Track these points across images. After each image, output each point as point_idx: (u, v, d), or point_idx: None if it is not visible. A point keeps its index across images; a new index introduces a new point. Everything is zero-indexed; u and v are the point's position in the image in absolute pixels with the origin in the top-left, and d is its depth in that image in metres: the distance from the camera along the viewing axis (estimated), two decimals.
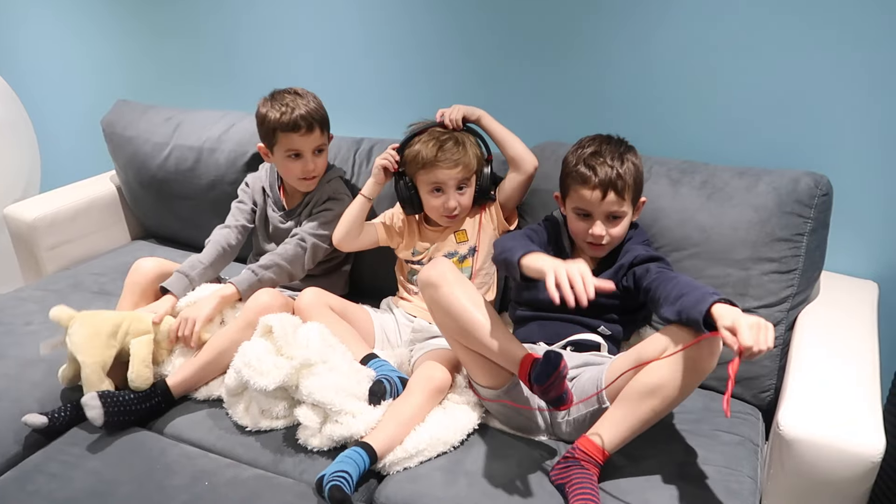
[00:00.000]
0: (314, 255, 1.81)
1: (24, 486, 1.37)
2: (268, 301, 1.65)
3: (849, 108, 1.65)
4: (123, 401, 1.50)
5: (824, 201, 1.55)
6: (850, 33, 1.59)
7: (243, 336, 1.60)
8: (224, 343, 1.62)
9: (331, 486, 1.28)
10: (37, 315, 1.86)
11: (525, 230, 1.62)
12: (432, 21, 2.01)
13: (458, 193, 1.70)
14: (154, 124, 2.24)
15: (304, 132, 1.74)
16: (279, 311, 1.64)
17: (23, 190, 2.55)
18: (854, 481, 1.20)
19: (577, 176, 1.49)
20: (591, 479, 1.28)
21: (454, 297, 1.38)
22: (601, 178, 1.45)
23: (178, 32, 2.42)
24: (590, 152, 1.49)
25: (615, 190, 1.46)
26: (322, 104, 1.80)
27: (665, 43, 1.77)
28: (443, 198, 1.70)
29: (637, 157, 1.52)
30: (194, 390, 1.62)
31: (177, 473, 1.40)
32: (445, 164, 1.66)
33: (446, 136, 1.69)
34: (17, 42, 2.75)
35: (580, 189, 1.48)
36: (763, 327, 1.13)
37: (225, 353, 1.60)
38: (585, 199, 1.48)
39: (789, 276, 1.55)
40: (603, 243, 1.51)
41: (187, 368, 1.61)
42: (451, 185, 1.68)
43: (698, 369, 1.25)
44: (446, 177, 1.67)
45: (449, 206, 1.70)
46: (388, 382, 1.49)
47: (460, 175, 1.68)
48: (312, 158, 1.78)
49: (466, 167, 1.68)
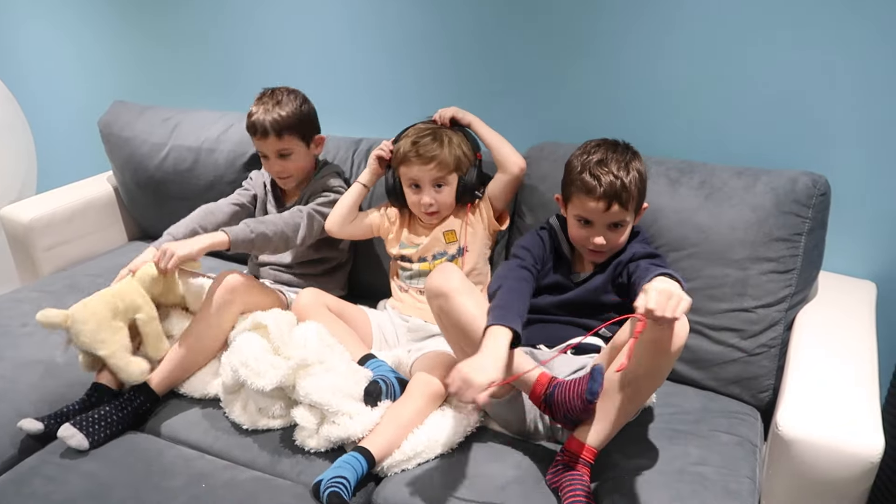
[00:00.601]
0: (310, 225, 1.78)
1: (21, 489, 1.36)
2: (228, 280, 1.63)
3: (847, 108, 1.65)
4: (100, 416, 1.49)
5: (822, 201, 1.55)
6: (849, 33, 1.59)
7: (217, 320, 1.60)
8: (199, 331, 1.61)
9: (329, 492, 1.27)
10: (33, 316, 1.84)
11: (517, 255, 1.56)
12: (431, 22, 2.01)
13: (434, 191, 1.70)
14: (152, 125, 2.24)
15: (260, 137, 1.77)
16: (243, 288, 1.63)
17: (19, 191, 2.55)
18: (853, 481, 1.20)
19: (580, 185, 1.47)
20: (582, 479, 1.28)
21: (464, 308, 1.37)
22: (605, 190, 1.43)
23: (174, 34, 2.41)
24: (595, 161, 1.46)
25: (619, 202, 1.44)
26: (300, 110, 1.79)
27: (664, 43, 1.77)
28: (420, 194, 1.70)
29: (642, 164, 1.50)
30: (179, 384, 1.61)
31: (174, 475, 1.39)
32: (418, 160, 1.67)
33: (427, 133, 1.69)
34: (13, 43, 2.74)
35: (583, 199, 1.47)
36: (673, 296, 1.13)
37: (201, 341, 1.60)
38: (588, 209, 1.47)
39: (787, 275, 1.55)
40: (603, 251, 1.51)
41: (167, 364, 1.60)
42: (426, 181, 1.69)
43: (662, 350, 1.23)
44: (420, 173, 1.68)
45: (424, 202, 1.70)
46: (385, 383, 1.48)
47: (434, 172, 1.68)
48: (276, 161, 1.80)
49: (441, 164, 1.67)
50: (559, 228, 1.61)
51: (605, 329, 1.54)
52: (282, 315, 1.60)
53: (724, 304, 1.57)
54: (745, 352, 1.56)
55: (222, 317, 1.62)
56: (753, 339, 1.55)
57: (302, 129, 1.80)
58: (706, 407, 1.54)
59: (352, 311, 1.77)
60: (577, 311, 1.55)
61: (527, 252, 1.56)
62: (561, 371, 1.47)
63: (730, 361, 1.57)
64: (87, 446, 1.45)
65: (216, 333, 1.63)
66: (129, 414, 1.53)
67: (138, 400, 1.55)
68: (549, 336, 1.55)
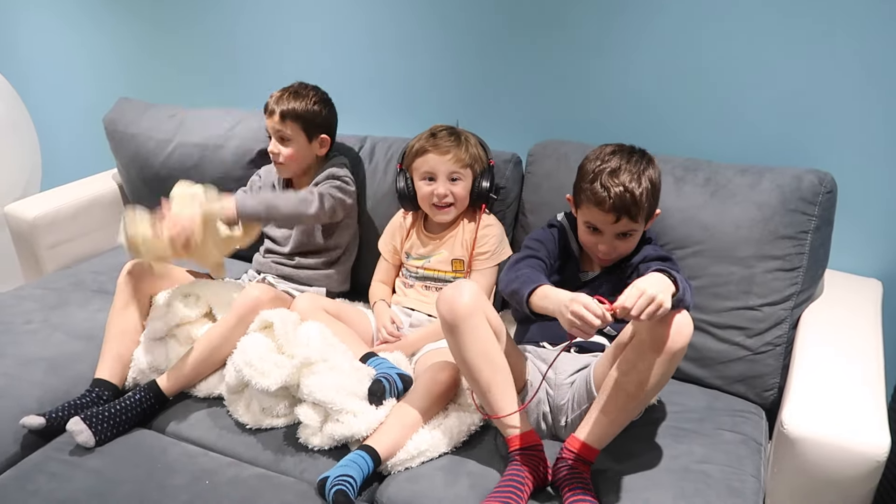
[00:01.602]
0: (322, 202, 1.76)
1: (24, 486, 1.36)
2: (257, 296, 1.64)
3: (853, 105, 1.64)
4: (110, 414, 1.49)
5: (828, 199, 1.54)
6: (855, 29, 1.58)
7: (235, 332, 1.60)
8: (216, 340, 1.61)
9: (335, 490, 1.27)
10: (36, 314, 1.86)
11: (530, 246, 1.56)
12: (437, 19, 2.00)
13: (450, 183, 1.70)
14: (157, 121, 2.24)
15: (268, 115, 1.85)
16: (270, 305, 1.64)
17: (23, 188, 2.55)
18: (859, 480, 1.20)
19: (591, 195, 1.44)
20: (582, 477, 1.28)
21: (468, 348, 1.35)
22: (615, 203, 1.41)
23: (180, 30, 2.41)
24: (608, 171, 1.43)
25: (629, 215, 1.42)
26: (311, 106, 1.83)
27: (669, 41, 1.76)
28: (434, 185, 1.70)
29: (656, 171, 1.48)
30: (189, 388, 1.62)
31: (177, 472, 1.39)
32: (436, 150, 1.68)
33: (443, 129, 1.71)
34: (17, 40, 2.74)
35: (593, 209, 1.45)
36: (648, 298, 1.15)
37: (217, 350, 1.60)
38: (597, 219, 1.45)
39: (793, 273, 1.54)
40: (611, 257, 1.51)
41: (180, 368, 1.60)
42: (441, 171, 1.69)
43: (664, 349, 1.23)
44: (436, 163, 1.68)
45: (439, 193, 1.70)
46: (387, 381, 1.48)
47: (451, 164, 1.68)
48: (274, 142, 1.86)
49: (458, 158, 1.68)
50: (568, 227, 1.60)
51: (609, 328, 1.54)
52: (287, 314, 1.60)
53: (729, 303, 1.56)
54: (751, 350, 1.55)
55: (242, 328, 1.61)
56: (759, 338, 1.55)
57: (306, 122, 1.83)
58: (710, 405, 1.53)
59: (350, 312, 1.77)
60: None
61: (540, 244, 1.56)
62: (564, 370, 1.47)
63: (735, 360, 1.56)
64: (94, 444, 1.45)
65: (233, 344, 1.60)
66: (138, 414, 1.53)
67: (149, 402, 1.55)
68: (551, 334, 1.54)
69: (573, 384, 1.45)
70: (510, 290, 1.41)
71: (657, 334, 1.23)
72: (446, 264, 1.76)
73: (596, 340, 1.52)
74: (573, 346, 1.51)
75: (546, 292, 1.32)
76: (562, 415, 1.44)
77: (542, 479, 1.32)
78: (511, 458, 1.33)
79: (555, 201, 1.69)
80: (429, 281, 1.78)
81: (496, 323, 1.39)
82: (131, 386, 1.65)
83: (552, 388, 1.46)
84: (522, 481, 1.28)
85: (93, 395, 1.57)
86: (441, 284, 1.76)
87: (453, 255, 1.75)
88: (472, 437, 1.46)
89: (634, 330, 1.29)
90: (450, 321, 1.34)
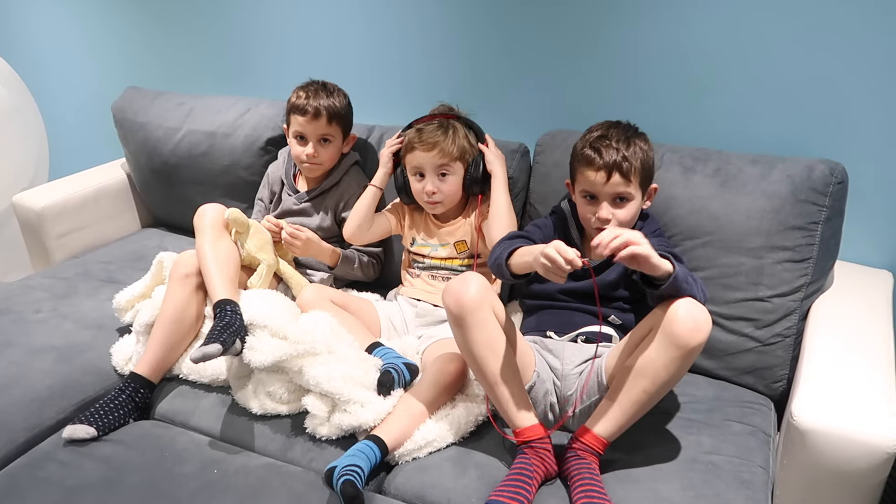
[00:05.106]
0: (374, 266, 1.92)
1: (35, 474, 1.37)
2: (187, 261, 1.67)
3: (865, 95, 1.63)
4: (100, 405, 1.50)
5: (839, 189, 1.53)
6: (866, 18, 1.57)
7: (187, 294, 1.63)
8: (169, 311, 1.62)
9: (343, 480, 1.27)
10: (45, 303, 1.87)
11: (528, 227, 1.60)
12: (443, 7, 1.99)
13: (438, 179, 1.69)
14: (166, 109, 2.24)
15: (311, 118, 1.79)
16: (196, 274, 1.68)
17: (31, 178, 2.56)
18: (868, 472, 1.19)
19: (582, 158, 1.48)
20: (591, 468, 1.28)
21: (475, 341, 1.34)
22: (605, 161, 1.44)
23: (187, 19, 2.40)
24: (596, 136, 1.48)
25: (620, 171, 1.44)
26: (349, 105, 1.87)
27: (678, 30, 1.75)
28: (423, 181, 1.70)
29: (646, 143, 1.49)
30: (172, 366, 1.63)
31: (186, 461, 1.40)
32: (422, 146, 1.68)
33: (434, 122, 1.70)
34: (24, 29, 2.74)
35: (585, 171, 1.47)
36: (618, 235, 1.19)
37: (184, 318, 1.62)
38: (590, 180, 1.46)
39: (803, 264, 1.53)
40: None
41: (150, 348, 1.60)
42: (429, 168, 1.68)
43: (679, 344, 1.23)
44: (423, 160, 1.68)
45: (427, 190, 1.70)
46: (396, 371, 1.48)
47: (437, 159, 1.67)
48: (315, 145, 1.83)
49: (444, 152, 1.67)
50: (569, 213, 1.60)
51: (615, 316, 1.53)
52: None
53: (738, 294, 1.55)
54: (760, 341, 1.55)
55: (188, 287, 1.64)
56: (768, 329, 1.54)
57: (346, 122, 1.86)
58: (719, 396, 1.53)
59: (356, 303, 1.77)
60: (586, 299, 1.54)
61: (535, 228, 1.58)
62: (571, 360, 1.46)
63: (744, 351, 1.56)
64: (95, 432, 1.46)
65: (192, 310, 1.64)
66: (125, 402, 1.53)
67: (130, 388, 1.55)
68: (561, 323, 1.54)
69: (581, 374, 1.44)
70: (495, 264, 1.45)
71: (671, 329, 1.23)
72: (451, 249, 1.76)
73: (605, 332, 1.51)
74: (581, 335, 1.51)
75: (524, 250, 1.37)
76: (569, 405, 1.44)
77: (551, 471, 1.32)
78: (519, 451, 1.33)
79: (562, 191, 1.68)
80: (435, 270, 1.78)
81: (503, 315, 1.39)
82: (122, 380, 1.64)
83: (559, 379, 1.46)
84: (531, 473, 1.28)
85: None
86: (447, 274, 1.76)
87: (456, 239, 1.77)
88: (478, 428, 1.46)
89: (651, 324, 1.29)
90: (456, 314, 1.34)
